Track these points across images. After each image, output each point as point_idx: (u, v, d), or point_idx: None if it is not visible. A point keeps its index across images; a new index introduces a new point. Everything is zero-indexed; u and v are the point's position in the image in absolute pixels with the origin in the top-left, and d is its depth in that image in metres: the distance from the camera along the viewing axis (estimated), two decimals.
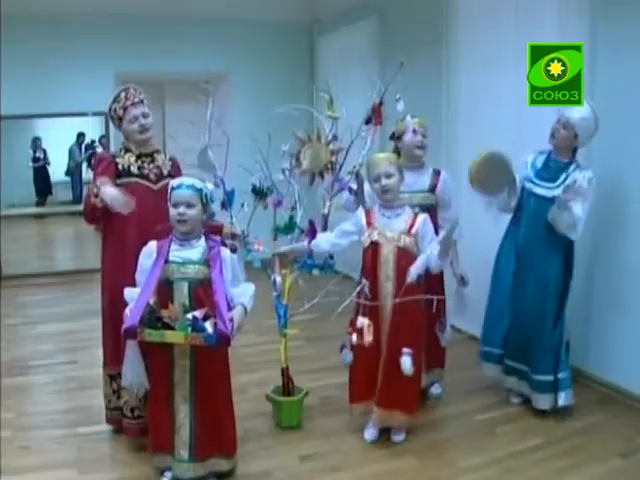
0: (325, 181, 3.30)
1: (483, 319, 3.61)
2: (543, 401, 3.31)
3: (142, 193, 2.92)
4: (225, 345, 2.43)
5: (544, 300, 3.30)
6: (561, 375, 3.29)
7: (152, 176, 2.98)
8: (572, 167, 3.25)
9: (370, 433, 3.16)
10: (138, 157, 3.00)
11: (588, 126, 3.20)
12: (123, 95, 2.95)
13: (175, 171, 3.09)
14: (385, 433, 3.18)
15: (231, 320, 2.46)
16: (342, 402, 3.33)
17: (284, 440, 3.18)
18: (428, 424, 3.29)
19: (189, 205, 2.55)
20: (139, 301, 2.47)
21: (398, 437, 3.15)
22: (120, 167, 2.95)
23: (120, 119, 2.96)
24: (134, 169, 2.96)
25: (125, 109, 2.93)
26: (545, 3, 3.84)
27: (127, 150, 3.01)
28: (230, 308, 2.54)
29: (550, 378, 3.29)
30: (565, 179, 3.22)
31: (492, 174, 3.25)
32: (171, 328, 2.43)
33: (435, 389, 3.65)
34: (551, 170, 3.29)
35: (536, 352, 3.32)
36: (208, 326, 2.41)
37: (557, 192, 3.19)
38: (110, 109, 2.99)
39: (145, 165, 2.99)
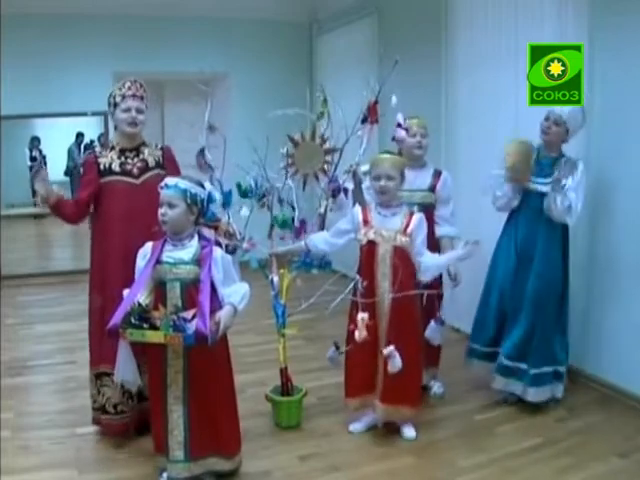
0: (321, 181, 3.31)
1: (475, 316, 3.61)
2: (540, 394, 3.34)
3: (123, 190, 2.96)
4: (204, 344, 2.41)
5: (548, 296, 3.33)
6: (561, 369, 3.37)
7: (135, 170, 2.99)
8: (563, 160, 3.30)
9: (355, 426, 3.20)
10: (121, 153, 3.00)
11: (577, 120, 3.27)
12: (127, 84, 2.96)
13: (168, 161, 3.08)
14: (384, 432, 3.18)
15: (218, 320, 2.46)
16: (341, 402, 3.33)
17: (283, 440, 3.18)
18: (427, 423, 3.29)
19: (170, 205, 2.55)
20: (126, 301, 2.49)
21: (409, 433, 3.16)
22: (102, 167, 2.97)
23: (115, 105, 2.97)
24: (115, 166, 2.98)
25: (123, 97, 2.94)
26: (545, 3, 3.85)
27: (111, 148, 3.03)
28: (220, 307, 2.54)
29: (549, 370, 3.34)
30: (559, 174, 3.27)
31: (522, 162, 3.27)
32: (157, 328, 2.44)
33: (437, 388, 3.66)
34: (543, 166, 3.33)
35: (537, 347, 3.32)
36: (192, 326, 2.40)
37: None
38: (110, 94, 3.00)
39: (128, 160, 3.00)
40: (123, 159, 2.99)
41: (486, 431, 3.23)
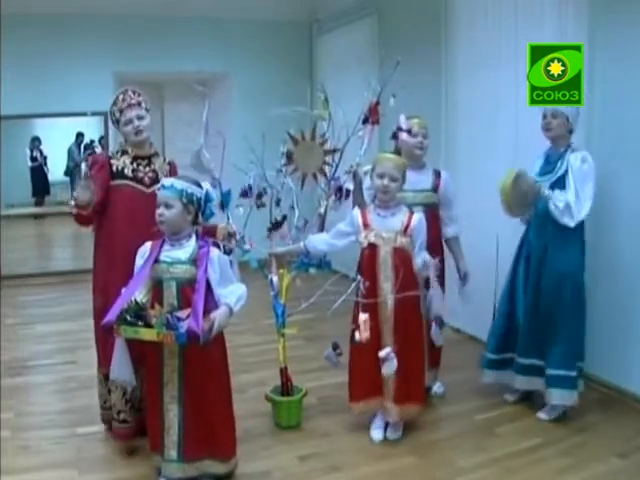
0: (320, 182, 3.31)
1: (494, 325, 3.54)
2: (558, 396, 3.25)
3: (133, 196, 2.96)
4: (196, 343, 2.41)
5: (564, 296, 3.22)
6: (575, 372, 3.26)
7: (146, 179, 3.00)
8: (567, 152, 3.21)
9: (378, 432, 3.16)
10: (134, 160, 3.01)
11: (572, 109, 3.20)
12: (121, 97, 2.98)
13: (172, 175, 3.08)
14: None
15: (213, 319, 2.46)
16: (341, 402, 3.33)
17: (283, 440, 3.18)
18: (428, 424, 3.29)
19: (167, 206, 2.57)
20: (122, 298, 2.51)
21: (395, 434, 3.16)
22: (114, 168, 2.98)
23: (118, 121, 3.00)
24: (128, 172, 2.98)
25: (121, 111, 2.96)
26: (545, 3, 3.85)
27: (124, 152, 3.03)
28: (216, 307, 2.54)
29: (572, 374, 3.24)
30: (560, 165, 3.20)
31: (520, 196, 3.18)
32: (152, 326, 2.44)
33: (438, 388, 3.66)
34: (552, 163, 3.27)
35: (556, 347, 3.24)
36: (185, 325, 2.41)
37: (556, 176, 3.18)
38: (110, 112, 3.02)
39: (140, 168, 3.01)
40: (135, 166, 3.00)
41: (486, 431, 3.23)
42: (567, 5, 3.69)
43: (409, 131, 3.35)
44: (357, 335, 2.98)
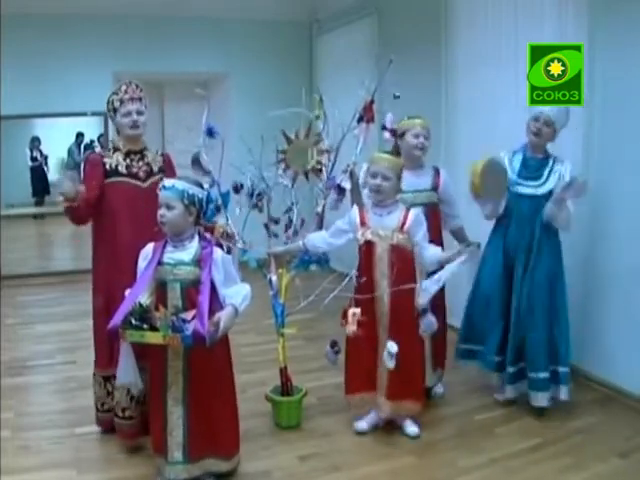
0: (316, 180, 3.31)
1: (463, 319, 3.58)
2: (541, 399, 3.29)
3: (130, 192, 2.95)
4: (202, 345, 2.41)
5: (547, 298, 3.27)
6: (562, 369, 3.28)
7: (141, 174, 2.99)
8: (551, 161, 3.26)
9: (361, 425, 3.19)
10: (127, 155, 3.01)
11: (563, 119, 3.24)
12: (124, 88, 2.97)
13: (167, 167, 3.09)
14: (385, 432, 3.19)
15: (218, 320, 2.45)
16: (341, 402, 3.34)
17: (283, 440, 3.18)
18: (427, 424, 3.29)
19: (168, 206, 2.56)
20: (126, 302, 2.50)
21: (412, 429, 3.16)
22: (108, 167, 2.97)
23: (115, 111, 2.97)
24: (122, 168, 2.98)
25: (122, 102, 2.95)
26: (545, 3, 3.85)
27: (115, 149, 3.03)
28: (221, 308, 2.54)
29: (546, 375, 3.26)
30: (549, 174, 3.24)
31: (492, 182, 3.22)
32: (157, 329, 2.44)
33: (438, 388, 3.66)
34: (530, 168, 3.30)
35: (535, 350, 3.27)
36: (191, 327, 2.41)
37: (547, 188, 3.22)
38: (108, 100, 3.00)
39: (134, 163, 3.00)
40: (129, 161, 3.00)
41: (486, 431, 3.23)
42: (567, 5, 3.69)
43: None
44: (347, 328, 2.99)
